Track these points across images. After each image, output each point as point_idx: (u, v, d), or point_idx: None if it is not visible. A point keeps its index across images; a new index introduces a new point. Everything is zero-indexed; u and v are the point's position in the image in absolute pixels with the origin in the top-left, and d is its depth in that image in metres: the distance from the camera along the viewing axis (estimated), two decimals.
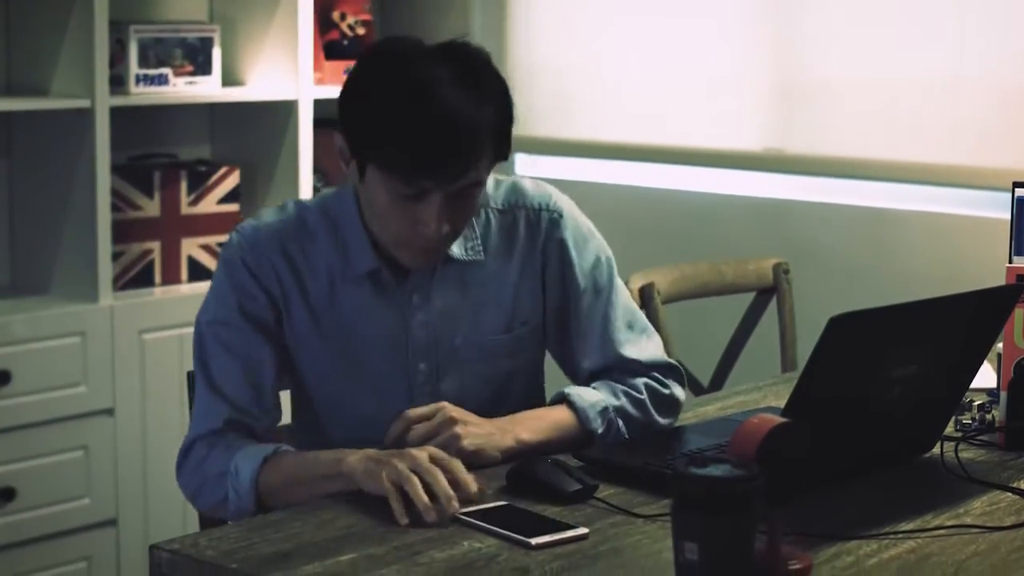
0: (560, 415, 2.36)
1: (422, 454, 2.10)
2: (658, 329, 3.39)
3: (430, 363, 2.39)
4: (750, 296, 3.66)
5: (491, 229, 2.43)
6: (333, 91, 4.29)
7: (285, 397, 2.46)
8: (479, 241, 2.41)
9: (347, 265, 2.36)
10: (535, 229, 2.44)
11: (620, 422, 2.39)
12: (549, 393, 2.48)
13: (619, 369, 2.46)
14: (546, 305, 2.46)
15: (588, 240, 2.48)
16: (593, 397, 2.38)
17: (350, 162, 2.30)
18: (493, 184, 2.44)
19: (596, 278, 2.47)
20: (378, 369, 2.38)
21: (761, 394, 2.80)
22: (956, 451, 2.37)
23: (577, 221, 2.47)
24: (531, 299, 2.45)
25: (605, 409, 2.37)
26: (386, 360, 2.38)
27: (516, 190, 2.46)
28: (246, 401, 2.33)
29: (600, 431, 2.37)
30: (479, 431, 2.27)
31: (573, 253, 2.45)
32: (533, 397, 2.49)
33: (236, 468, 2.25)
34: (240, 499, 2.24)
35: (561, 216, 2.45)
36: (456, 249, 2.38)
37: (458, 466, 2.10)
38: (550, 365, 2.55)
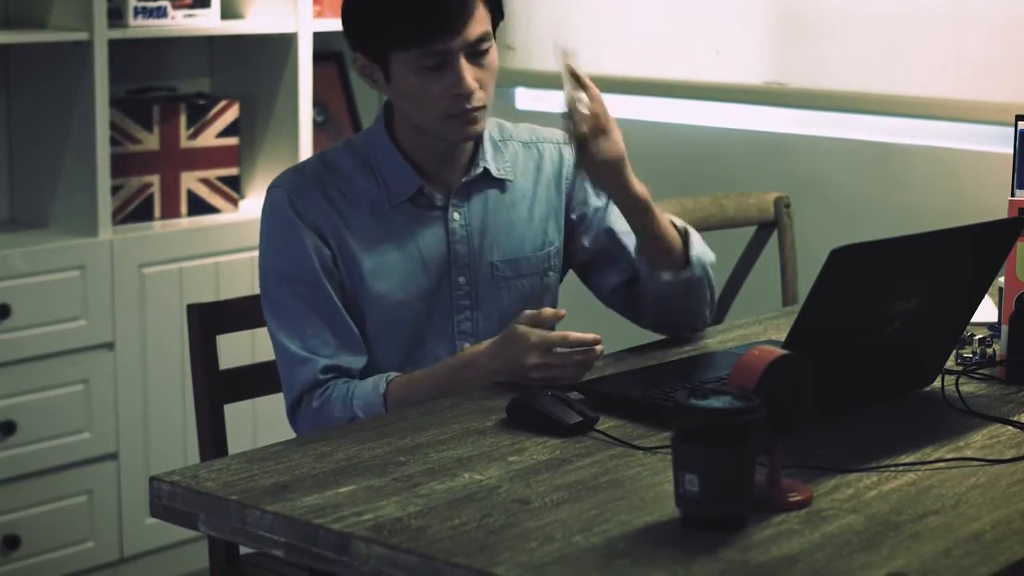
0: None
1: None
2: None
3: (468, 278, 2.52)
4: (751, 230, 3.66)
5: (518, 156, 2.61)
6: (333, 24, 4.32)
7: None
8: (509, 164, 2.58)
9: (388, 193, 2.49)
10: (559, 160, 2.64)
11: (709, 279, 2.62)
12: None
13: None
14: (576, 228, 2.63)
15: None
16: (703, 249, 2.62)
17: (375, 72, 2.44)
18: (511, 125, 2.63)
19: None
20: (425, 287, 2.50)
21: (762, 327, 2.80)
22: (957, 384, 2.37)
23: None
24: (556, 224, 2.61)
25: (704, 254, 2.62)
26: (431, 277, 2.50)
27: (535, 129, 2.67)
28: (336, 347, 2.42)
29: (697, 272, 2.59)
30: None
31: None
32: None
33: (363, 410, 2.35)
34: None
35: None
36: (492, 164, 2.54)
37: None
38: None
